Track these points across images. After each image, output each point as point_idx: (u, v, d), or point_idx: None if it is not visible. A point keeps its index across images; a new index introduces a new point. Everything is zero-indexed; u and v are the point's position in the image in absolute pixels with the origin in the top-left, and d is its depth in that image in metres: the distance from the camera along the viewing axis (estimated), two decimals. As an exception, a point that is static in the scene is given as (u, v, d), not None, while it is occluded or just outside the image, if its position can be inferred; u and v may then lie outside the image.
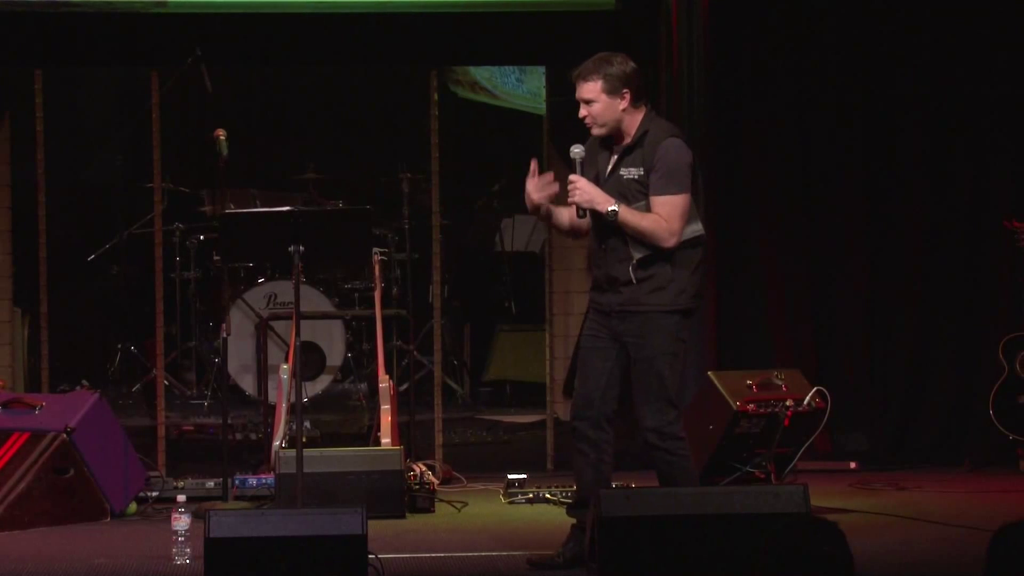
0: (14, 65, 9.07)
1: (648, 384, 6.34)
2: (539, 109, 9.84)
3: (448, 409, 9.61)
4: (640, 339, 6.34)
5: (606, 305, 6.43)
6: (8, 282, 9.53)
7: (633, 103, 6.36)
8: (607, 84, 6.33)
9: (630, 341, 6.37)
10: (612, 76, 6.33)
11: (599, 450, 6.44)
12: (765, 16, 9.20)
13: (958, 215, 9.26)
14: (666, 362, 6.33)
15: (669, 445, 6.35)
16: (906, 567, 6.46)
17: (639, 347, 6.35)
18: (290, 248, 6.97)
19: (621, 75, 6.35)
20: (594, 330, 6.50)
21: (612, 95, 6.33)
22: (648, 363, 6.33)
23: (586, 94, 6.37)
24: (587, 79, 6.36)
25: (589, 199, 6.32)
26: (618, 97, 6.34)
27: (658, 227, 6.28)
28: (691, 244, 6.37)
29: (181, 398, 10.35)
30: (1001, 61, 9.21)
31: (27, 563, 6.61)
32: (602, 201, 6.30)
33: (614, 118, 6.36)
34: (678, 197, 6.29)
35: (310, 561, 5.70)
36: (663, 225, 6.27)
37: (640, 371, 6.36)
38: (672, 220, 6.27)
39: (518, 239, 11.69)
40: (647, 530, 5.91)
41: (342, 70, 11.16)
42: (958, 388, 9.21)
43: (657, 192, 6.29)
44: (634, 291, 6.34)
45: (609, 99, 6.34)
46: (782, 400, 8.06)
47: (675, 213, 6.28)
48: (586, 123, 6.40)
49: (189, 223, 10.43)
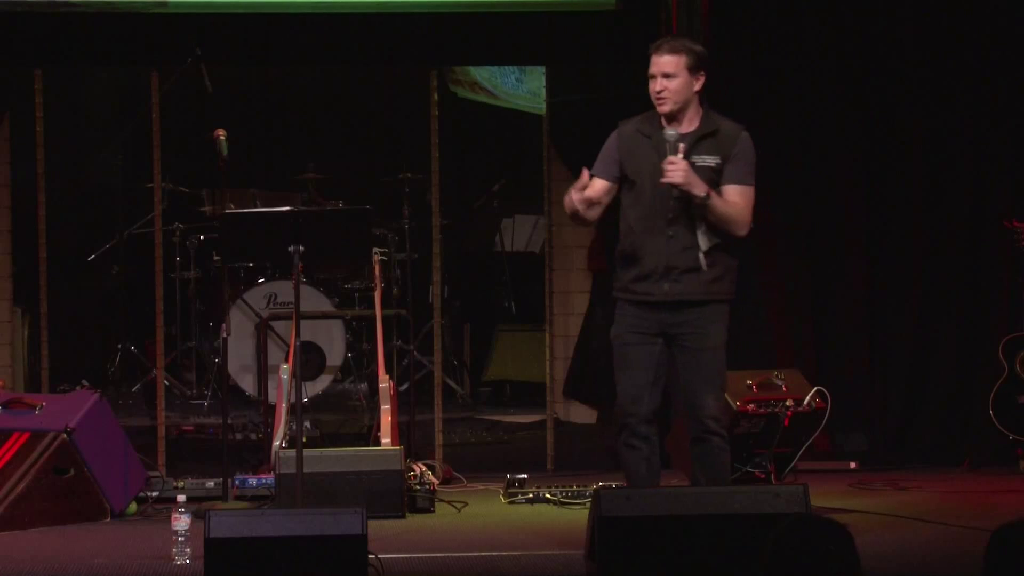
0: (14, 65, 9.07)
1: (711, 373, 6.44)
2: (539, 109, 9.84)
3: (448, 409, 9.61)
4: (701, 328, 6.42)
5: (659, 295, 6.43)
6: (8, 282, 9.54)
7: (703, 89, 6.44)
8: (691, 60, 6.41)
9: (687, 332, 6.42)
10: (696, 54, 6.43)
11: (650, 444, 6.52)
12: (765, 16, 9.21)
13: (958, 215, 9.26)
14: (723, 351, 6.48)
15: (724, 431, 6.49)
16: (906, 567, 6.46)
17: (701, 336, 6.42)
18: (290, 248, 6.97)
19: (703, 56, 6.46)
20: (634, 325, 6.50)
21: (692, 73, 6.41)
22: (712, 352, 6.44)
23: (668, 67, 6.41)
24: (673, 52, 6.42)
25: (688, 181, 6.34)
26: (695, 78, 6.41)
27: (740, 215, 6.40)
28: (745, 238, 6.48)
29: (181, 398, 10.36)
30: (1001, 61, 9.21)
31: (27, 563, 6.61)
32: (698, 184, 6.34)
33: (687, 97, 6.42)
34: (752, 189, 6.44)
35: (310, 561, 5.69)
36: (745, 214, 6.40)
37: (704, 359, 6.43)
38: (748, 210, 6.42)
39: (518, 239, 11.70)
40: (647, 530, 5.91)
41: (342, 70, 11.16)
42: (958, 388, 9.21)
43: (737, 181, 6.40)
44: (697, 280, 6.39)
45: (689, 76, 6.41)
46: (782, 400, 8.07)
47: (751, 203, 6.43)
48: (659, 97, 6.42)
49: (189, 223, 10.43)
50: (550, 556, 6.66)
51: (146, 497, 7.87)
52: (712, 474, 6.48)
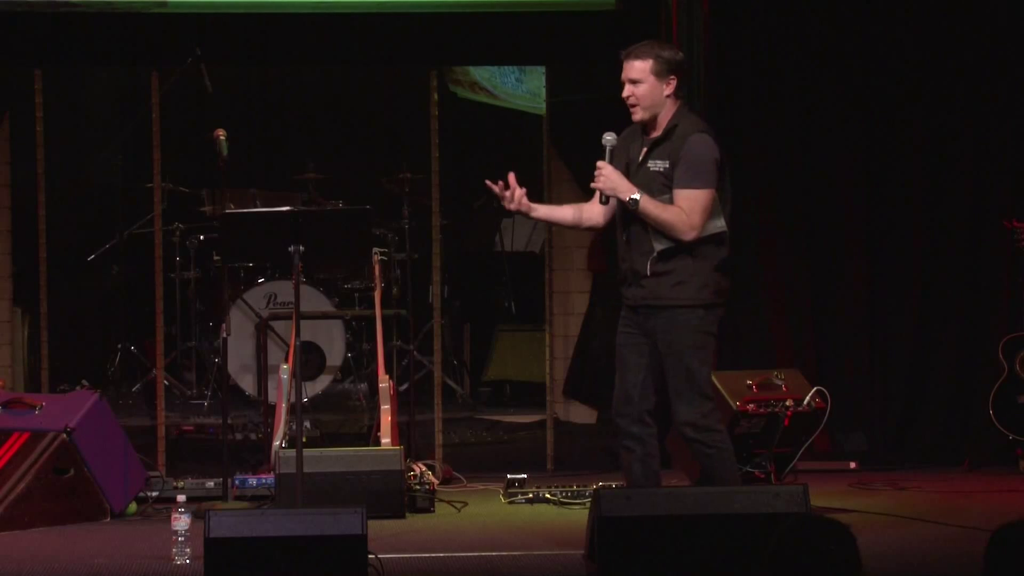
0: (14, 65, 9.07)
1: (678, 379, 6.37)
2: (539, 109, 9.84)
3: (448, 409, 9.61)
4: (666, 335, 6.37)
5: (631, 299, 6.46)
6: (8, 282, 9.54)
7: (676, 92, 6.41)
8: (657, 65, 6.38)
9: (657, 337, 6.40)
10: (663, 59, 6.39)
11: (644, 444, 6.48)
12: (765, 16, 9.20)
13: (958, 215, 9.26)
14: (694, 356, 6.37)
15: (705, 437, 6.39)
16: (906, 567, 6.45)
17: (666, 343, 6.38)
18: (290, 248, 6.96)
19: (672, 60, 6.41)
20: (626, 326, 6.52)
21: (660, 78, 6.38)
22: (676, 358, 6.37)
23: (634, 73, 6.40)
24: (638, 58, 6.41)
25: (612, 186, 6.34)
26: (664, 82, 6.39)
27: (678, 219, 6.30)
28: (714, 241, 6.39)
29: (181, 398, 10.35)
30: (1001, 61, 9.20)
31: (27, 563, 6.60)
32: (625, 189, 6.32)
33: (657, 102, 6.39)
34: (700, 192, 6.31)
35: (310, 561, 5.69)
36: (683, 218, 6.30)
37: (669, 366, 6.39)
38: (693, 214, 6.30)
39: (518, 239, 11.69)
40: (647, 530, 5.91)
41: (342, 70, 11.16)
42: (958, 388, 9.21)
43: (680, 185, 6.33)
44: (655, 285, 6.36)
45: (656, 81, 6.38)
46: (782, 400, 8.06)
47: (696, 207, 6.30)
48: (629, 104, 6.43)
49: (189, 223, 10.43)
50: (550, 556, 6.66)
51: (146, 497, 7.87)
52: (704, 478, 6.47)
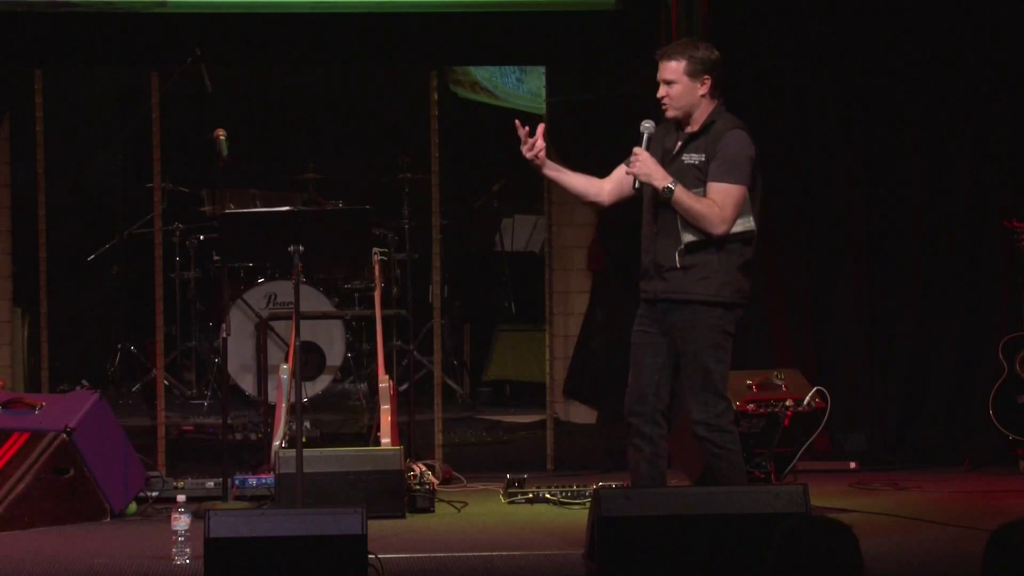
0: (14, 65, 9.08)
1: (694, 377, 6.36)
2: (539, 109, 9.83)
3: (448, 409, 9.61)
4: (685, 331, 6.35)
5: (652, 293, 6.43)
6: (8, 282, 9.54)
7: (712, 92, 6.40)
8: (690, 66, 6.37)
9: (676, 333, 6.38)
10: (696, 59, 6.38)
11: (654, 445, 6.46)
12: (765, 17, 9.21)
13: (958, 215, 9.26)
14: (711, 354, 6.34)
15: (716, 437, 6.36)
16: (906, 567, 6.45)
17: (684, 339, 6.36)
18: (290, 248, 6.96)
19: (706, 60, 6.40)
20: (644, 324, 6.49)
21: (693, 78, 6.37)
22: (694, 356, 6.35)
23: (668, 74, 6.39)
24: (671, 58, 6.40)
25: (648, 172, 6.33)
26: (698, 82, 6.38)
27: (711, 211, 6.29)
28: (742, 239, 6.38)
29: (181, 398, 10.35)
30: (1001, 61, 9.20)
31: (27, 563, 6.60)
32: (660, 177, 6.31)
33: (691, 102, 6.39)
34: (734, 187, 6.31)
35: (310, 561, 5.69)
36: (716, 210, 6.28)
37: (686, 363, 6.37)
38: (725, 208, 6.29)
39: (518, 239, 11.69)
40: (647, 530, 5.91)
41: (342, 70, 11.16)
42: (958, 388, 9.21)
43: (715, 179, 6.32)
44: (680, 278, 6.34)
45: (690, 82, 6.38)
46: (782, 400, 8.06)
47: (729, 201, 6.29)
48: (662, 104, 6.42)
49: (189, 223, 10.43)
50: (550, 556, 6.66)
51: (146, 497, 7.87)
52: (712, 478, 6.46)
